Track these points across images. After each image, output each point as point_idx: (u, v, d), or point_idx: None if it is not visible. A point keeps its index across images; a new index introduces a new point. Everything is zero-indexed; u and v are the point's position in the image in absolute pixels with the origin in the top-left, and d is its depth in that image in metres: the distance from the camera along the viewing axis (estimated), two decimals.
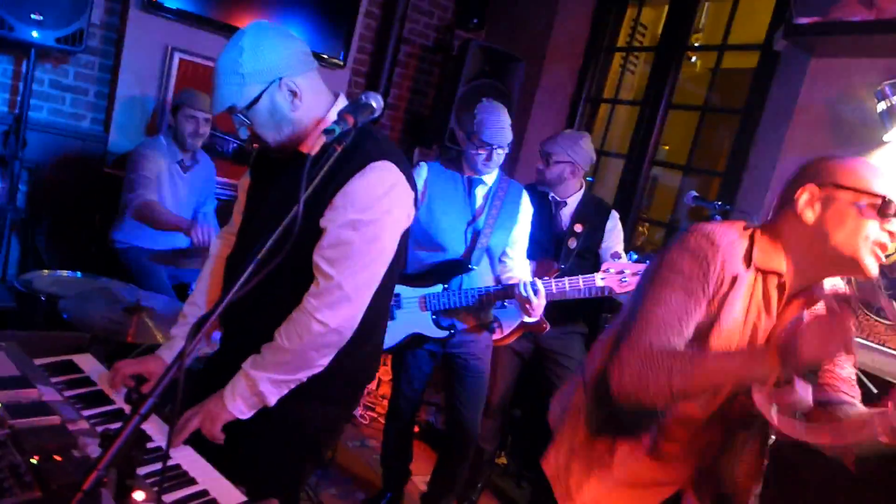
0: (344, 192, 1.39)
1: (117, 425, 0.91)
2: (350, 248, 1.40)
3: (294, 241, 1.11)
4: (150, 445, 1.27)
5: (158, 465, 1.16)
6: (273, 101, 1.43)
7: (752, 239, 1.30)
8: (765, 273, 1.28)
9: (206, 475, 1.27)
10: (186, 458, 1.31)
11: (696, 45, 3.95)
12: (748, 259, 1.28)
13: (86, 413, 1.34)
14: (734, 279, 1.26)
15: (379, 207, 1.41)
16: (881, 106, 2.37)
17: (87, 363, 1.60)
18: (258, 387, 1.42)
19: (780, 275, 1.28)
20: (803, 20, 2.53)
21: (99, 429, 1.26)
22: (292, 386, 1.46)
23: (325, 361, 1.47)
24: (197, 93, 3.12)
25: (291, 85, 1.43)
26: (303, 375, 1.46)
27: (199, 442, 1.39)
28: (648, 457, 1.38)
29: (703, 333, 1.28)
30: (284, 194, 1.44)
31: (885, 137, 2.41)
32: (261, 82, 1.40)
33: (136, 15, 3.35)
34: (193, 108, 3.07)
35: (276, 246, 1.10)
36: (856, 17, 2.35)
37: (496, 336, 2.73)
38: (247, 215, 1.65)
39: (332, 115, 1.48)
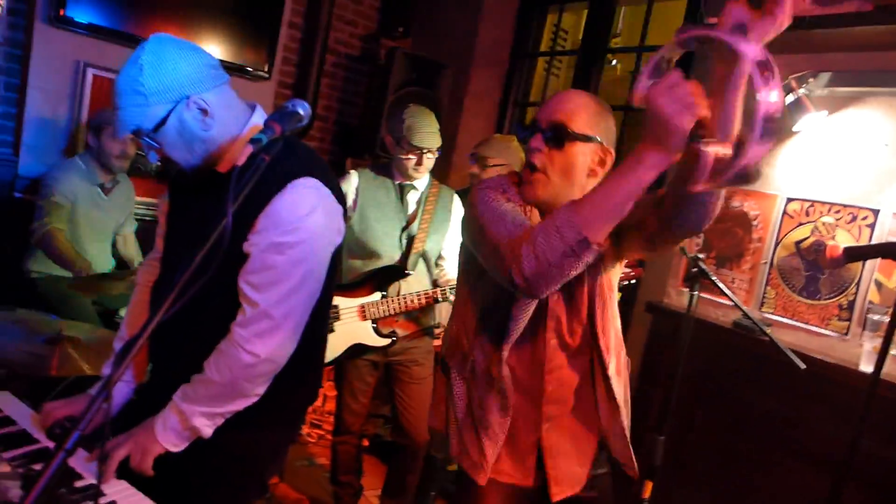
0: (266, 214, 1.32)
1: (40, 468, 0.84)
2: (275, 273, 1.33)
3: (221, 260, 1.06)
4: (80, 483, 1.19)
5: None
6: (182, 121, 1.32)
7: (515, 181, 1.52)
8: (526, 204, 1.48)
9: None
10: (121, 493, 1.24)
11: (615, 47, 4.07)
12: (518, 194, 1.49)
13: (6, 455, 1.25)
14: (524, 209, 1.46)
15: (304, 228, 1.34)
16: (788, 98, 2.51)
17: (6, 402, 1.49)
18: (191, 422, 1.35)
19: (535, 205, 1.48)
20: (713, 21, 2.66)
21: (21, 470, 1.17)
22: (228, 416, 1.39)
23: (260, 390, 1.40)
24: None
25: (201, 102, 1.33)
26: (238, 406, 1.39)
27: (135, 475, 1.32)
28: (502, 411, 1.48)
29: None
30: (206, 214, 1.34)
31: (794, 128, 2.55)
32: (166, 102, 1.30)
33: (42, 29, 3.17)
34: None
35: (202, 265, 1.05)
36: None
37: (438, 342, 2.72)
38: (168, 240, 1.57)
39: (247, 131, 1.41)
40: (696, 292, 1.96)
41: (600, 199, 1.17)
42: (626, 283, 2.47)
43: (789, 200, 2.60)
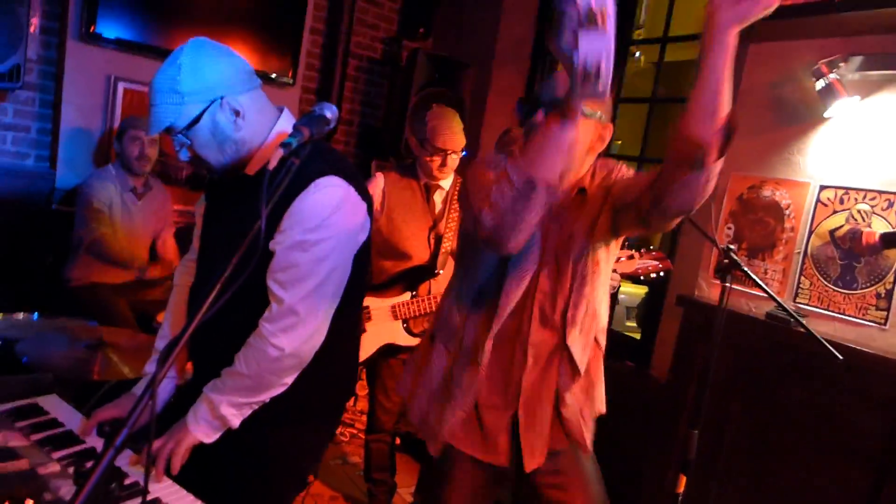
0: (290, 213, 1.35)
1: (91, 465, 0.87)
2: (299, 270, 1.36)
3: (257, 261, 1.09)
4: (127, 481, 1.23)
5: (137, 500, 1.12)
6: (214, 121, 1.36)
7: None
8: None
9: None
10: (166, 490, 1.27)
11: (638, 39, 4.04)
12: None
13: (56, 455, 1.29)
14: None
15: (327, 226, 1.37)
16: (819, 84, 2.46)
17: (53, 404, 1.54)
18: (219, 410, 1.39)
19: None
20: None
21: (70, 470, 1.21)
22: (255, 407, 1.43)
23: (288, 380, 1.43)
24: (139, 117, 3.06)
25: (234, 104, 1.37)
26: (264, 397, 1.42)
27: (179, 473, 1.35)
28: (484, 380, 1.55)
29: None
30: (238, 215, 1.40)
31: (826, 114, 2.50)
32: (201, 101, 1.34)
33: (74, 46, 3.26)
34: (137, 129, 3.02)
35: (240, 264, 1.08)
36: (789, 0, 2.45)
37: None
38: (203, 240, 1.61)
39: (274, 135, 1.44)
40: (728, 284, 1.93)
41: (539, 139, 1.23)
42: (655, 275, 2.45)
43: (822, 188, 2.55)
